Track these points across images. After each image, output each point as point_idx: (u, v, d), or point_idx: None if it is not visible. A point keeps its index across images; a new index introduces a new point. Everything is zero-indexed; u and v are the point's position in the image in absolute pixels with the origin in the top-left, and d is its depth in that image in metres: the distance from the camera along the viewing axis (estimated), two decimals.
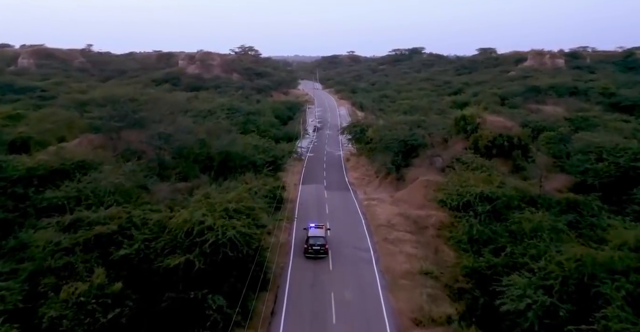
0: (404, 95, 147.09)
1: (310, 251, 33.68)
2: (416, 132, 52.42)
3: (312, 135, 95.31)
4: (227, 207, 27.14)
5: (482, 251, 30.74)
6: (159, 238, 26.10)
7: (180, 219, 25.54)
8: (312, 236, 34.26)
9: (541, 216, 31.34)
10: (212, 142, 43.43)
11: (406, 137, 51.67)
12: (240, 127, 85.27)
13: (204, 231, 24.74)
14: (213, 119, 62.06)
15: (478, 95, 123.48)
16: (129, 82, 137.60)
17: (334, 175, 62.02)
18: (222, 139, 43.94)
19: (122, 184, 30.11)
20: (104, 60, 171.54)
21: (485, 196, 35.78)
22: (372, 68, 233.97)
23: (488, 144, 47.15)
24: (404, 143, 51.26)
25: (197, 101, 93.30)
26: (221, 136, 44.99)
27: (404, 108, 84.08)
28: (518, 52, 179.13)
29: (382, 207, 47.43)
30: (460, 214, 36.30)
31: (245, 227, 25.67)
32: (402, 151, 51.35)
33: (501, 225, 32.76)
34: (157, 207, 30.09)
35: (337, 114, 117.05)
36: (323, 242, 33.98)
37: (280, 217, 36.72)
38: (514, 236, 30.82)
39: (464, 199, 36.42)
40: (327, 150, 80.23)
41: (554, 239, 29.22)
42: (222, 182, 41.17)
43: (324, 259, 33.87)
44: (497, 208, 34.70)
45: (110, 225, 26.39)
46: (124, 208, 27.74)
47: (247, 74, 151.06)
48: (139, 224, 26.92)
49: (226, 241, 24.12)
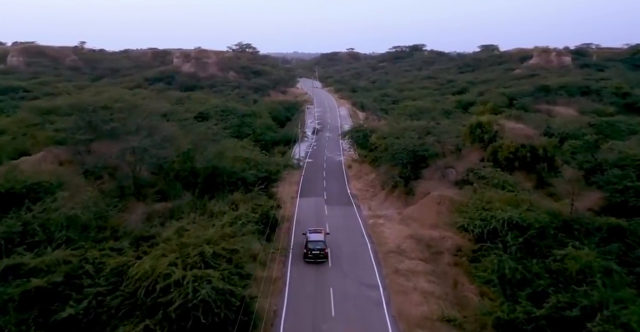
0: (406, 94, 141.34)
1: (309, 256, 33.09)
2: (427, 141, 46.55)
3: (311, 138, 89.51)
4: (203, 250, 21.38)
5: (518, 296, 25.01)
6: (116, 292, 20.36)
7: (140, 270, 19.78)
8: (311, 241, 33.61)
9: (589, 253, 25.58)
10: (198, 155, 37.59)
11: (415, 147, 45.82)
12: (234, 130, 79.75)
13: (169, 287, 19.02)
14: (203, 124, 56.05)
15: (484, 95, 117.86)
16: (122, 81, 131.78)
17: (335, 185, 56.22)
18: (209, 151, 38.11)
19: (77, 216, 24.28)
20: (97, 58, 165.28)
21: (514, 223, 30.00)
22: (372, 66, 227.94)
23: (509, 156, 41.36)
24: (414, 154, 45.42)
25: (190, 102, 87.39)
26: (208, 147, 39.16)
27: (410, 110, 78.09)
28: (522, 50, 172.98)
29: (390, 227, 41.70)
30: (486, 245, 30.47)
31: (224, 280, 19.90)
32: (411, 162, 45.53)
33: (538, 262, 26.97)
34: (120, 244, 24.35)
35: (337, 115, 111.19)
36: (322, 247, 33.37)
37: (272, 250, 30.99)
38: (557, 278, 25.07)
39: (490, 226, 30.61)
40: (327, 156, 74.44)
41: (607, 284, 23.53)
42: (207, 202, 35.50)
43: (326, 301, 28.16)
44: (530, 239, 28.91)
45: (55, 274, 20.66)
46: (74, 251, 21.93)
47: (244, 72, 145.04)
48: (93, 272, 21.18)
49: (198, 303, 18.41)
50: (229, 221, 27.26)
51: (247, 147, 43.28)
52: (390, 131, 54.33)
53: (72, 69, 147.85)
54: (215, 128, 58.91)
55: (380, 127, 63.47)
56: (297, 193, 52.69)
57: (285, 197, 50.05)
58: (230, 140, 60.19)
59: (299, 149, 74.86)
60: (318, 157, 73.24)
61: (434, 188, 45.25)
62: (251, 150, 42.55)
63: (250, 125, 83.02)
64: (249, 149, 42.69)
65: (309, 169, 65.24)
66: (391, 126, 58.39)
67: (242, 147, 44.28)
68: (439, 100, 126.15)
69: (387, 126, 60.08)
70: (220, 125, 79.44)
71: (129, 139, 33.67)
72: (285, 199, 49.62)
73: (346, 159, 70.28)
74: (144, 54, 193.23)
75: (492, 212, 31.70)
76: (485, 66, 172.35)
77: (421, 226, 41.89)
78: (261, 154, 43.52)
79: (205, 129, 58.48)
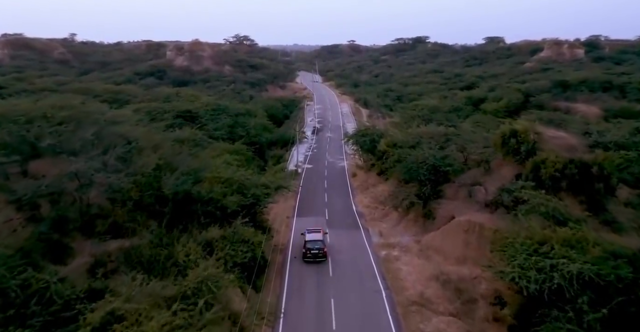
0: (411, 89, 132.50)
1: (308, 255, 32.19)
2: (450, 154, 38.05)
3: (311, 138, 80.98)
4: None
5: None
6: None
7: None
8: (310, 240, 32.68)
9: None
10: (168, 176, 29.15)
11: (437, 160, 37.33)
12: (226, 132, 71.28)
13: None
14: (184, 132, 47.66)
15: (495, 91, 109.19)
16: (111, 75, 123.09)
17: (338, 200, 47.83)
18: (181, 170, 29.64)
19: None
20: (87, 51, 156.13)
21: (587, 280, 21.66)
22: (374, 58, 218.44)
23: (556, 175, 32.89)
24: (435, 169, 36.94)
25: (179, 100, 78.76)
26: (182, 164, 30.70)
27: (422, 112, 69.41)
28: (532, 42, 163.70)
29: (408, 262, 33.40)
30: (549, 312, 22.08)
31: None
32: (432, 179, 37.09)
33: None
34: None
35: (339, 113, 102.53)
36: (321, 246, 32.40)
37: (255, 320, 22.66)
38: None
39: (552, 283, 22.21)
40: (328, 160, 66.05)
41: None
42: (177, 236, 27.23)
43: None
44: (616, 306, 20.55)
45: None
46: None
47: (240, 66, 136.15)
48: None
49: None
50: (191, 285, 18.99)
51: (232, 163, 34.50)
52: (403, 138, 45.81)
53: (60, 63, 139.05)
54: (199, 133, 50.55)
55: (389, 130, 54.87)
56: (294, 210, 44.38)
57: (280, 216, 41.82)
58: (214, 149, 52.00)
59: (297, 152, 66.52)
60: (318, 163, 64.85)
61: (458, 210, 36.87)
62: (236, 167, 33.83)
63: (245, 125, 74.52)
64: (233, 164, 34.01)
65: (308, 177, 56.91)
66: (403, 131, 49.86)
67: (226, 163, 35.66)
68: (447, 96, 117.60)
69: (398, 130, 51.49)
70: (210, 125, 71.51)
71: (72, 159, 25.35)
72: (279, 218, 41.38)
73: (350, 165, 61.92)
74: (137, 46, 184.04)
75: (553, 261, 23.31)
76: (493, 59, 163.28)
77: (445, 260, 33.66)
78: (249, 171, 34.81)
79: (190, 133, 50.44)
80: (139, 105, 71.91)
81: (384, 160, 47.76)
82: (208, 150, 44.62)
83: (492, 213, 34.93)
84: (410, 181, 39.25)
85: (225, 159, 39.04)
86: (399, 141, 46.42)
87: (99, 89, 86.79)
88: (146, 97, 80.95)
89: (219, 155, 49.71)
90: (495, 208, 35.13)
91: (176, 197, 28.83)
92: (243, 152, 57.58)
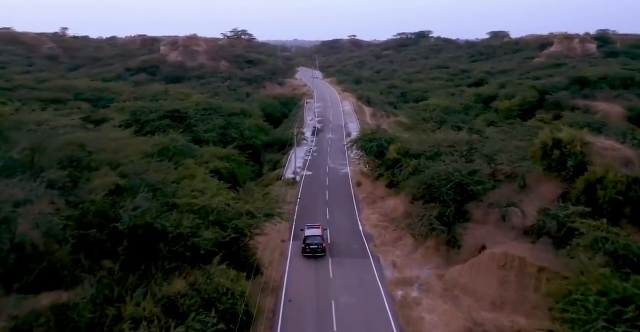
0: (415, 85, 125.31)
1: (307, 250, 31.64)
2: (480, 168, 30.91)
3: (311, 140, 73.87)
4: None
5: None
6: None
7: None
8: (309, 235, 32.16)
9: None
10: (126, 203, 22.16)
11: (463, 176, 30.23)
12: (217, 134, 64.21)
13: None
14: (161, 138, 40.67)
15: (505, 87, 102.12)
16: (101, 71, 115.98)
17: (342, 217, 40.80)
18: (143, 193, 22.68)
19: None
20: (78, 46, 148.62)
21: None
22: (376, 54, 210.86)
23: (618, 198, 25.83)
24: (460, 187, 29.87)
25: (167, 98, 71.60)
26: (145, 184, 23.76)
27: (431, 113, 62.32)
28: (540, 37, 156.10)
29: (431, 306, 26.43)
30: None
31: None
32: (457, 199, 30.06)
33: None
34: None
35: (341, 111, 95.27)
36: (320, 241, 31.78)
37: None
38: None
39: None
40: (329, 166, 59.00)
41: None
42: (130, 287, 20.36)
43: None
44: None
45: None
46: None
47: (236, 62, 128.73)
48: None
49: None
50: None
51: (209, 186, 27.05)
52: (418, 145, 38.77)
53: (48, 58, 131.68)
54: (181, 139, 43.51)
55: (398, 134, 47.85)
56: (291, 231, 37.42)
57: (273, 240, 34.90)
58: (202, 155, 45.02)
59: (295, 156, 59.51)
60: (319, 169, 57.81)
61: (490, 238, 29.93)
62: (216, 190, 26.51)
63: (238, 126, 67.48)
64: (211, 187, 26.68)
65: (307, 187, 49.94)
66: (415, 136, 42.80)
67: (203, 181, 28.42)
68: (454, 93, 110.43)
69: (411, 135, 44.40)
70: (200, 127, 64.40)
71: None
72: (272, 242, 34.47)
73: (354, 172, 54.91)
74: (132, 41, 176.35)
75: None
76: (499, 54, 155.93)
77: (477, 303, 26.80)
78: (229, 195, 27.58)
79: (169, 139, 43.25)
80: (123, 105, 64.97)
81: (394, 171, 40.73)
82: (190, 162, 37.54)
83: (534, 243, 28.08)
84: (430, 200, 32.23)
85: (215, 166, 31.90)
86: (412, 148, 39.36)
87: (82, 87, 79.81)
88: (132, 96, 73.83)
89: (208, 163, 42.92)
90: (537, 237, 28.26)
91: (134, 232, 21.86)
92: (235, 157, 50.64)
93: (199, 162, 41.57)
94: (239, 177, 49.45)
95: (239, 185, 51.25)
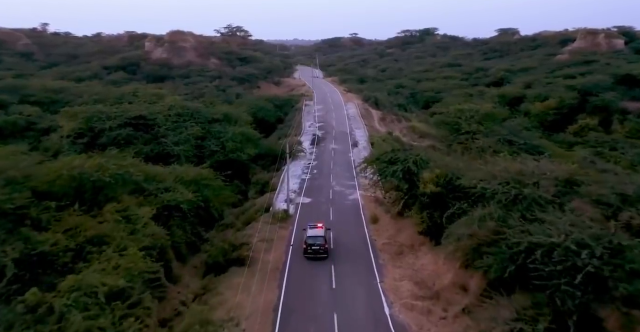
0: (426, 85, 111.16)
1: (309, 251, 29.21)
2: (628, 244, 16.53)
3: (310, 151, 59.74)
4: None
5: None
6: None
7: None
8: (311, 236, 29.52)
9: None
10: None
11: (598, 263, 15.87)
12: (189, 148, 50.20)
13: None
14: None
15: (533, 87, 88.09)
16: (75, 69, 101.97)
17: (356, 288, 26.27)
18: None
19: None
20: (57, 42, 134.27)
21: None
22: (379, 52, 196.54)
23: None
24: (592, 278, 15.62)
25: (135, 101, 57.57)
26: None
27: (468, 120, 48.09)
28: (560, 32, 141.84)
29: None
30: None
31: None
32: (583, 301, 15.78)
33: None
34: None
35: (345, 115, 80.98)
36: (322, 242, 29.26)
37: None
38: None
39: None
40: (333, 189, 44.97)
41: None
42: None
43: None
44: None
45: None
46: None
47: (228, 59, 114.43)
48: None
49: None
50: None
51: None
52: (471, 175, 24.51)
53: (22, 55, 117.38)
54: (109, 164, 28.55)
55: (433, 155, 33.69)
56: (276, 314, 23.26)
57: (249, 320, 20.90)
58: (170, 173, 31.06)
59: (288, 176, 45.16)
60: (319, 194, 43.72)
61: None
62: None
63: (220, 136, 53.44)
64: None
65: (303, 224, 35.70)
66: (464, 162, 28.61)
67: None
68: (472, 94, 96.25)
69: (460, 162, 30.10)
70: (170, 138, 50.39)
71: None
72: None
73: (365, 199, 40.95)
74: (119, 38, 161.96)
75: None
76: (515, 51, 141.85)
77: None
78: None
79: (92, 163, 28.49)
80: (76, 110, 51.02)
81: (432, 213, 26.57)
82: (126, 202, 23.35)
83: None
84: (514, 277, 18.02)
85: (174, 198, 17.77)
86: (461, 179, 25.20)
87: (35, 87, 65.57)
88: (92, 98, 59.78)
89: (163, 194, 28.80)
90: None
91: None
92: (207, 181, 36.34)
93: (142, 201, 27.47)
94: (213, 208, 35.64)
95: (213, 221, 37.38)
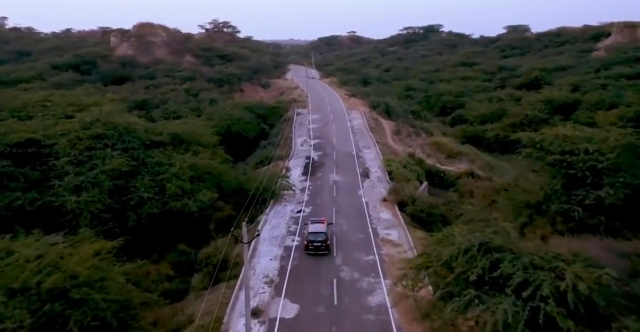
0: (441, 87, 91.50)
1: (310, 248, 27.39)
2: None
3: (302, 186, 39.70)
4: None
5: None
6: None
7: None
8: (312, 232, 27.78)
9: None
10: None
11: None
12: (99, 194, 29.94)
13: None
14: None
15: (582, 90, 68.63)
16: (18, 68, 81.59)
17: None
18: None
19: None
20: (7, 38, 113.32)
21: None
22: (381, 50, 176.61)
23: None
24: None
25: (38, 115, 37.51)
26: None
27: (590, 158, 27.86)
28: (590, 27, 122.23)
29: None
30: None
31: None
32: None
33: None
34: None
35: (349, 128, 60.74)
36: (324, 238, 27.38)
37: None
38: None
39: None
40: (339, 275, 24.94)
41: None
42: None
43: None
44: None
45: None
46: None
47: (205, 57, 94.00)
48: None
49: None
50: None
51: None
52: None
53: None
54: None
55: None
56: None
57: None
58: None
59: (263, 246, 24.93)
60: (316, 290, 23.66)
61: None
62: None
63: (160, 171, 33.03)
64: None
65: None
66: None
67: None
68: (502, 99, 76.48)
69: None
70: (68, 178, 30.15)
71: None
72: None
73: (401, 298, 21.05)
74: (91, 34, 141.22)
75: None
76: (538, 48, 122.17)
77: None
78: None
79: None
80: None
81: None
82: None
83: None
84: None
85: None
86: None
87: None
88: None
89: None
90: None
91: None
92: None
93: None
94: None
95: None
